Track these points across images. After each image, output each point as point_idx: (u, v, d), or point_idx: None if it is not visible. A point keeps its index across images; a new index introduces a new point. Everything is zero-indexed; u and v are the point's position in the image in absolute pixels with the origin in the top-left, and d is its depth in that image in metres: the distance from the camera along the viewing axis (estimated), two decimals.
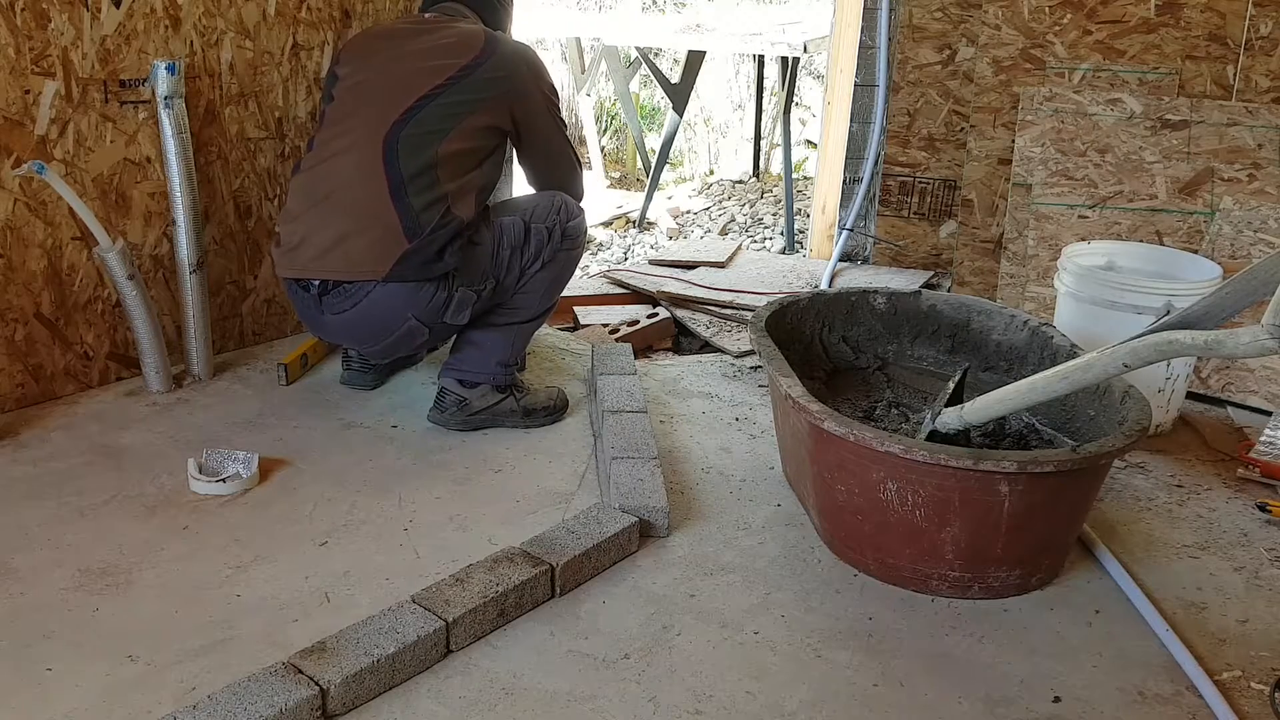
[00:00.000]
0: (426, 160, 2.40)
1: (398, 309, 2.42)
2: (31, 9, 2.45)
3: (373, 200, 2.38)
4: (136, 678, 1.72)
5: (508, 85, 2.50)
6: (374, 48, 2.58)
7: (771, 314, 2.47)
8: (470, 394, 2.60)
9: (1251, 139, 3.23)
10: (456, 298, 2.46)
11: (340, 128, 2.49)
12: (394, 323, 2.45)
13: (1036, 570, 2.06)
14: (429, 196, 2.39)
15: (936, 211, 4.11)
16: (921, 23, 3.92)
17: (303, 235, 2.44)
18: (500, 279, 2.54)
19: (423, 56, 2.49)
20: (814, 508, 2.22)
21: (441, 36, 2.53)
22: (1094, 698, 1.78)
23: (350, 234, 2.39)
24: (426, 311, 2.44)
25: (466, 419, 2.61)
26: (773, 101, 6.25)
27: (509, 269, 2.54)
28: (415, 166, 2.39)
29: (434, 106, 2.42)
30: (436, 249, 2.38)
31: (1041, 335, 2.46)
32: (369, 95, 2.49)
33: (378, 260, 2.37)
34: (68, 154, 2.59)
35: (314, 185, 2.47)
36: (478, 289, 2.49)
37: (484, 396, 2.61)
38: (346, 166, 2.44)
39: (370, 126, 2.43)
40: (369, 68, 2.53)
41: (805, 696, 1.75)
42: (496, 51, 2.51)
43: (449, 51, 2.49)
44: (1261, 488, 2.51)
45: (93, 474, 2.36)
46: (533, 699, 1.72)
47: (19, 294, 2.57)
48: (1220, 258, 3.00)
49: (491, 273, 2.51)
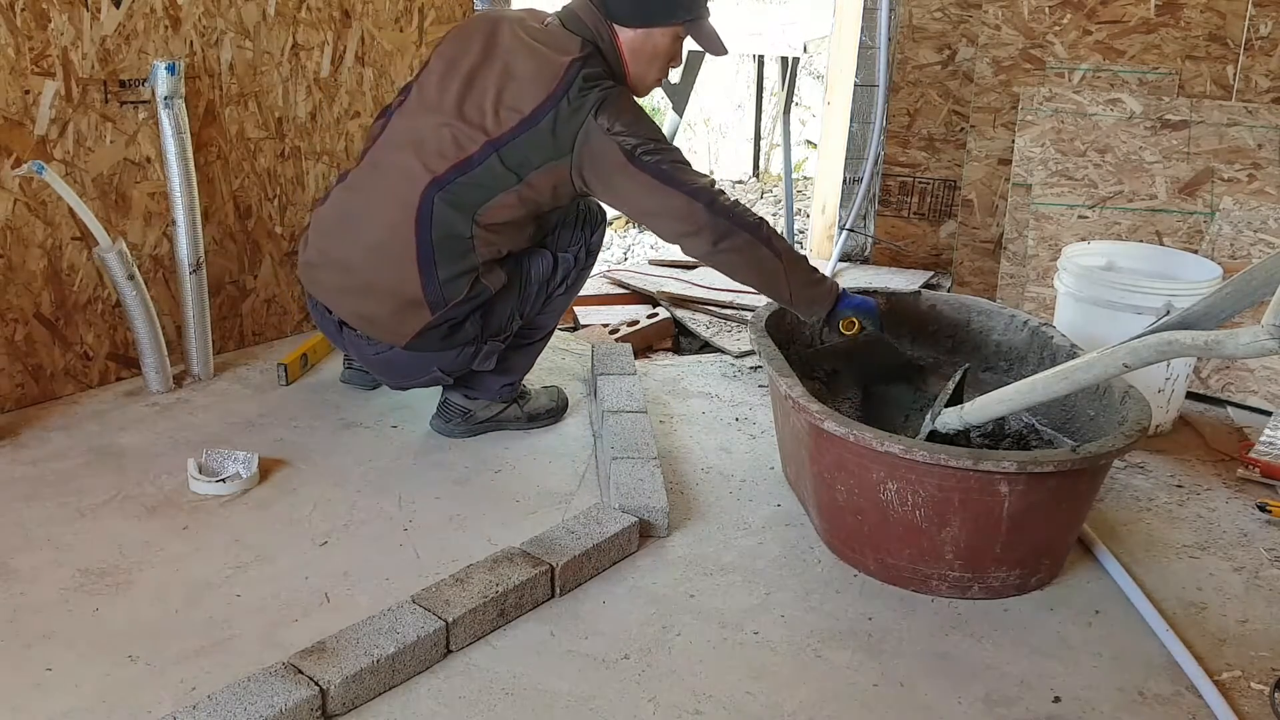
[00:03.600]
0: (463, 230, 2.22)
1: (422, 364, 2.37)
2: (31, 9, 2.45)
3: (398, 264, 2.23)
4: (136, 678, 1.72)
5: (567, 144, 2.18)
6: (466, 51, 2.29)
7: (771, 314, 2.47)
8: (474, 405, 2.55)
9: (1251, 139, 3.23)
10: (484, 350, 2.38)
11: (392, 154, 2.29)
12: (418, 373, 2.41)
13: (1036, 570, 2.06)
14: (458, 268, 2.23)
15: (936, 212, 4.11)
16: (921, 23, 3.92)
17: (326, 264, 2.35)
18: (527, 314, 2.43)
19: (495, 90, 2.20)
20: (814, 508, 2.22)
21: (528, 61, 2.21)
22: (1094, 698, 1.78)
23: (373, 293, 2.28)
24: (453, 365, 2.38)
25: (471, 429, 2.56)
26: (772, 101, 6.25)
27: (535, 302, 2.43)
28: (448, 235, 2.21)
29: (480, 170, 2.19)
30: (459, 320, 2.29)
31: (1041, 335, 2.46)
32: (426, 124, 2.25)
33: (397, 329, 2.29)
34: (68, 154, 2.59)
35: (350, 212, 2.32)
36: (505, 336, 2.40)
37: (488, 408, 2.56)
38: (380, 214, 2.26)
39: (413, 174, 2.22)
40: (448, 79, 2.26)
41: (805, 697, 1.75)
42: (561, 100, 2.16)
43: (521, 90, 2.19)
44: (1261, 488, 2.51)
45: (92, 474, 2.36)
46: (533, 699, 1.72)
47: (19, 294, 2.57)
48: (1220, 258, 3.00)
49: (517, 314, 2.40)
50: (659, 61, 2.31)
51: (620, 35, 2.25)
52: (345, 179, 2.38)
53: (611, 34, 2.25)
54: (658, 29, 2.25)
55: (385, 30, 3.24)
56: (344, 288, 2.32)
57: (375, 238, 2.25)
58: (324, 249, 2.36)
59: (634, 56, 2.28)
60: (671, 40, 2.29)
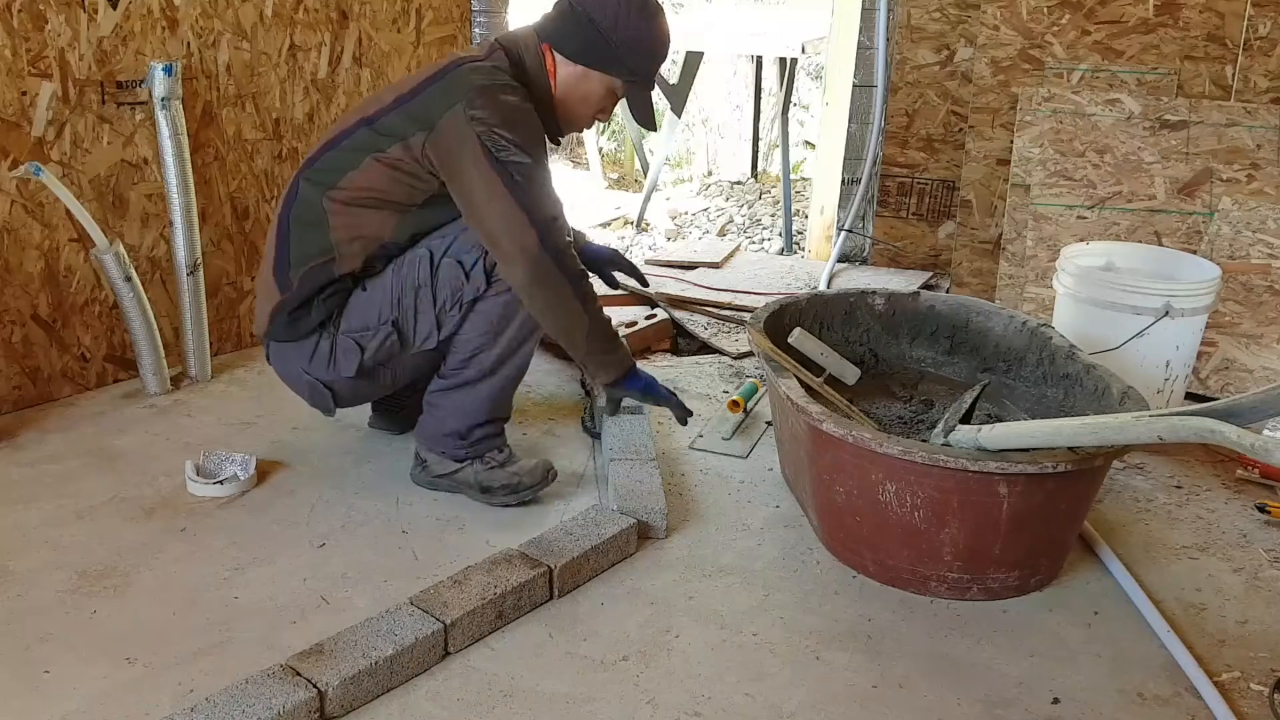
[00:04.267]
0: (315, 203, 2.15)
1: (293, 365, 2.25)
2: (28, 10, 2.45)
3: (267, 246, 2.24)
4: (134, 680, 1.72)
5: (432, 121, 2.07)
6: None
7: (770, 315, 2.47)
8: (429, 457, 2.31)
9: (1250, 139, 3.23)
10: (339, 346, 2.18)
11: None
12: (294, 377, 2.28)
13: (1035, 571, 2.06)
14: (311, 247, 2.15)
15: (935, 212, 4.11)
16: (920, 23, 3.92)
17: None
18: (409, 332, 2.18)
19: (392, 88, 2.22)
20: (812, 509, 2.22)
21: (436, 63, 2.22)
22: (1093, 699, 1.78)
23: (257, 280, 2.28)
24: (315, 367, 2.22)
25: (430, 481, 2.33)
26: (771, 102, 6.25)
27: (417, 316, 2.16)
28: (303, 211, 2.16)
29: (347, 142, 2.15)
30: (301, 302, 2.16)
31: (1040, 336, 2.46)
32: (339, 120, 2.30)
33: (261, 314, 2.24)
34: (65, 156, 2.59)
35: None
36: (360, 338, 2.17)
37: (441, 463, 2.30)
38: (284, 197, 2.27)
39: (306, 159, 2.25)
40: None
41: (804, 698, 1.75)
42: (442, 79, 2.11)
43: (414, 77, 2.19)
44: (1261, 489, 2.51)
45: (90, 476, 2.35)
46: (531, 701, 1.71)
47: (16, 296, 2.57)
48: (1219, 258, 3.00)
49: (389, 320, 2.16)
50: (587, 107, 2.25)
51: (558, 64, 2.20)
52: None
53: (543, 54, 2.20)
54: (595, 73, 2.19)
55: (382, 31, 3.23)
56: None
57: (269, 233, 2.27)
58: None
59: (565, 89, 2.22)
60: (605, 92, 2.23)
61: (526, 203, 2.05)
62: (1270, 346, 2.92)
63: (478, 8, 3.62)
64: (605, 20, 2.15)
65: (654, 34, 2.21)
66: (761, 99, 6.29)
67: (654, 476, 2.30)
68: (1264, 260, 2.99)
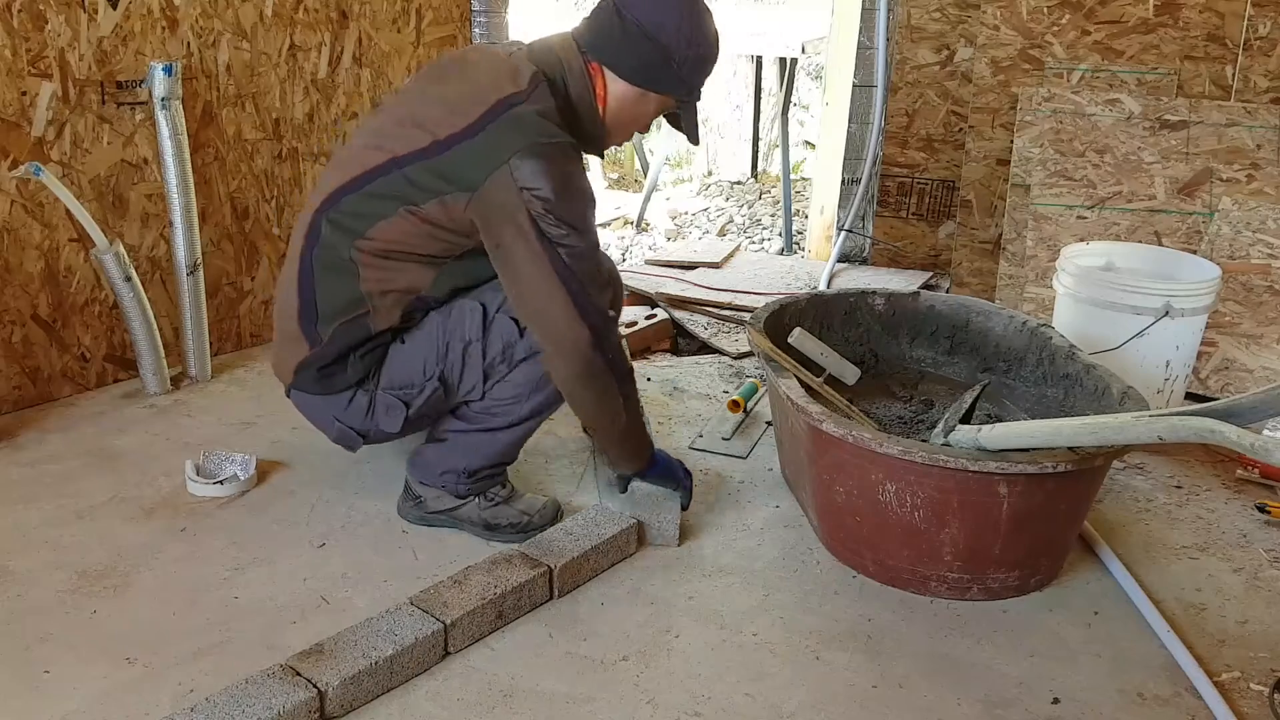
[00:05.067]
0: (343, 253, 1.95)
1: (321, 411, 2.09)
2: (28, 10, 2.45)
3: (287, 293, 2.03)
4: (134, 680, 1.72)
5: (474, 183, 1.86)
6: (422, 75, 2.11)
7: (770, 315, 2.47)
8: (425, 493, 2.18)
9: (1250, 139, 3.23)
10: (380, 403, 2.03)
11: (326, 174, 2.07)
12: (323, 423, 2.11)
13: (1035, 571, 2.06)
14: (340, 299, 1.97)
15: (935, 212, 4.11)
16: (920, 23, 3.92)
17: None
18: (454, 384, 2.04)
19: (416, 113, 1.96)
20: (812, 509, 2.22)
21: (462, 86, 1.95)
22: (1093, 699, 1.78)
23: (277, 323, 2.08)
24: (350, 416, 2.06)
25: (423, 517, 2.19)
26: (771, 102, 6.25)
27: (464, 369, 2.02)
28: (330, 258, 1.96)
29: (373, 187, 1.93)
30: (335, 357, 1.99)
31: (1040, 336, 2.46)
32: (352, 143, 2.06)
33: (283, 364, 2.06)
34: (65, 156, 2.59)
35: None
36: (405, 395, 2.03)
37: (439, 499, 2.17)
38: (296, 231, 2.06)
39: (317, 197, 2.01)
40: (388, 103, 2.10)
41: (804, 698, 1.75)
42: (483, 130, 1.87)
43: (441, 114, 1.92)
44: (1261, 489, 2.51)
45: (90, 476, 2.35)
46: (531, 701, 1.71)
47: (16, 296, 2.57)
48: (1219, 258, 3.00)
49: (435, 375, 2.02)
50: (638, 124, 2.08)
51: (610, 84, 1.99)
52: None
53: (592, 77, 1.98)
54: (654, 95, 2.01)
55: (382, 31, 3.23)
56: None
57: (284, 271, 2.08)
58: None
59: (618, 109, 2.01)
60: (658, 108, 2.05)
61: (578, 292, 1.88)
62: (1270, 346, 2.92)
63: (478, 8, 3.62)
64: (665, 37, 1.93)
65: (712, 46, 2.02)
66: (761, 99, 6.30)
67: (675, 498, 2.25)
68: (1264, 260, 2.99)
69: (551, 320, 1.90)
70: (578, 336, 1.89)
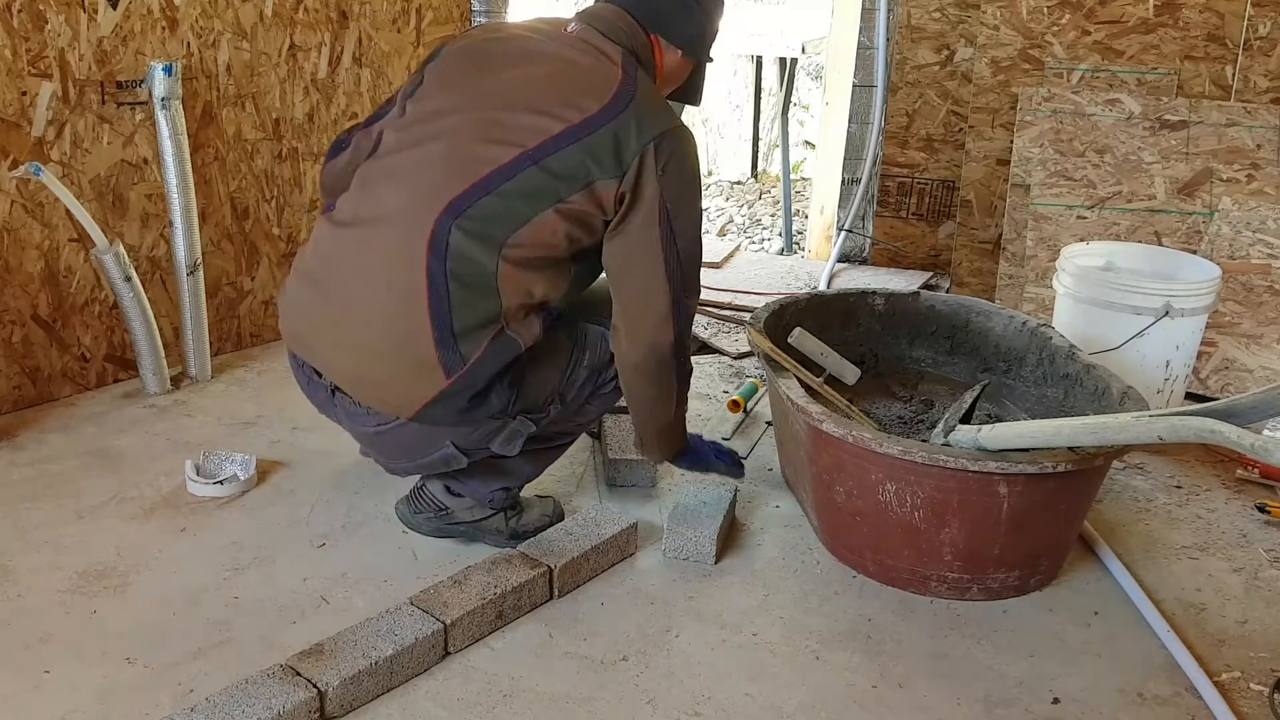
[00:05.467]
0: (486, 265, 1.77)
1: (433, 439, 1.90)
2: (28, 10, 2.44)
3: (405, 313, 1.77)
4: (134, 680, 1.72)
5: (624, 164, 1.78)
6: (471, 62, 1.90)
7: (770, 315, 2.47)
8: (455, 504, 2.08)
9: (1250, 139, 3.23)
10: (510, 428, 1.91)
11: (391, 182, 1.83)
12: (427, 449, 1.93)
13: (1035, 571, 2.06)
14: (480, 316, 1.78)
15: (935, 212, 4.11)
16: (920, 23, 3.92)
17: (312, 316, 1.88)
18: (568, 402, 1.97)
19: (521, 99, 1.81)
20: (812, 509, 2.22)
21: (562, 67, 1.84)
22: (1093, 699, 1.78)
23: (372, 351, 1.81)
24: (469, 441, 1.91)
25: (441, 528, 2.12)
26: (771, 102, 6.24)
27: (579, 391, 1.97)
28: (469, 273, 1.76)
29: (511, 186, 1.76)
30: (481, 387, 1.81)
31: (1040, 336, 2.46)
32: (435, 139, 1.82)
33: (403, 398, 1.82)
34: (65, 156, 2.59)
35: (340, 249, 1.86)
36: (538, 417, 1.93)
37: (471, 510, 2.09)
38: (380, 251, 1.80)
39: (421, 200, 1.78)
40: (453, 92, 1.87)
41: (804, 698, 1.75)
42: (625, 109, 1.79)
43: (561, 96, 1.80)
44: (1261, 489, 2.51)
45: (90, 476, 2.35)
46: (531, 701, 1.71)
47: (16, 296, 2.57)
48: (1219, 258, 3.00)
49: (558, 395, 1.94)
50: (670, 89, 2.07)
51: (666, 54, 1.98)
52: (332, 209, 1.92)
53: (652, 48, 1.95)
54: (691, 61, 2.03)
55: (383, 31, 3.23)
56: (336, 344, 1.85)
57: (375, 279, 1.80)
58: (310, 298, 1.88)
59: (666, 79, 2.01)
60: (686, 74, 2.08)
61: (679, 297, 1.87)
62: (1270, 346, 2.92)
63: (477, 8, 3.62)
64: (706, 2, 1.99)
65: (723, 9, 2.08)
66: (761, 99, 6.29)
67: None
68: (1264, 260, 3.00)
69: (647, 316, 1.87)
70: (664, 339, 1.88)
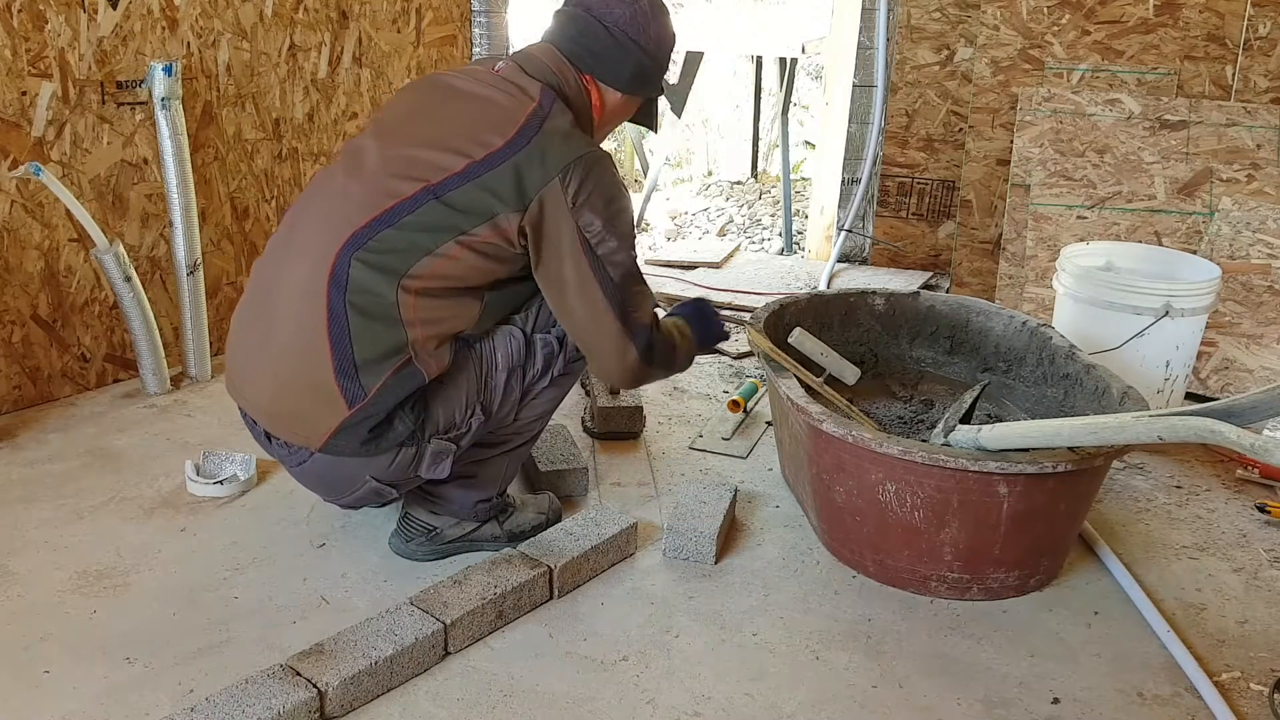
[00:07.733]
0: (386, 295, 1.78)
1: (351, 472, 1.89)
2: (28, 10, 2.45)
3: (308, 345, 1.79)
4: (134, 680, 1.72)
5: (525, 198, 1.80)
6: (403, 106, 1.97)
7: (770, 315, 2.47)
8: (439, 522, 2.09)
9: (1250, 139, 3.23)
10: (430, 451, 1.89)
11: (312, 210, 1.88)
12: (350, 485, 1.93)
13: (1035, 571, 2.06)
14: (382, 347, 1.78)
15: (935, 212, 4.11)
16: (920, 23, 3.92)
17: (243, 358, 1.90)
18: (494, 410, 1.95)
19: (435, 137, 1.85)
20: (812, 509, 2.22)
21: (481, 105, 1.88)
22: (1093, 699, 1.78)
23: (284, 383, 1.83)
24: (390, 473, 1.89)
25: (436, 549, 2.10)
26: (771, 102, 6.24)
27: (505, 394, 1.95)
28: (369, 304, 1.78)
29: (412, 219, 1.78)
30: (383, 416, 1.81)
31: (1040, 336, 2.46)
32: (351, 177, 1.85)
33: (310, 428, 1.82)
34: (65, 156, 2.59)
35: (260, 284, 1.90)
36: (457, 434, 1.92)
37: (458, 525, 2.10)
38: (294, 282, 1.82)
39: (329, 230, 1.81)
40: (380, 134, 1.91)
41: (804, 698, 1.75)
42: (528, 144, 1.82)
43: (470, 133, 1.83)
44: (1261, 489, 2.51)
45: (90, 476, 2.35)
46: (531, 701, 1.71)
47: (16, 296, 2.57)
48: (1219, 258, 3.00)
49: (477, 406, 1.92)
50: (617, 124, 2.13)
51: (606, 95, 2.01)
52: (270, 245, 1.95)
53: (585, 87, 1.99)
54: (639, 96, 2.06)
55: (383, 31, 3.23)
56: (259, 373, 1.86)
57: (285, 312, 1.83)
58: (236, 335, 1.93)
59: (609, 116, 2.05)
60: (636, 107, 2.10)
61: (623, 311, 1.89)
62: (1270, 346, 2.92)
63: (478, 8, 3.62)
64: (648, 42, 1.98)
65: (674, 40, 2.07)
66: (761, 99, 6.29)
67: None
68: (1264, 260, 3.00)
69: (603, 339, 1.91)
70: (625, 354, 1.92)
